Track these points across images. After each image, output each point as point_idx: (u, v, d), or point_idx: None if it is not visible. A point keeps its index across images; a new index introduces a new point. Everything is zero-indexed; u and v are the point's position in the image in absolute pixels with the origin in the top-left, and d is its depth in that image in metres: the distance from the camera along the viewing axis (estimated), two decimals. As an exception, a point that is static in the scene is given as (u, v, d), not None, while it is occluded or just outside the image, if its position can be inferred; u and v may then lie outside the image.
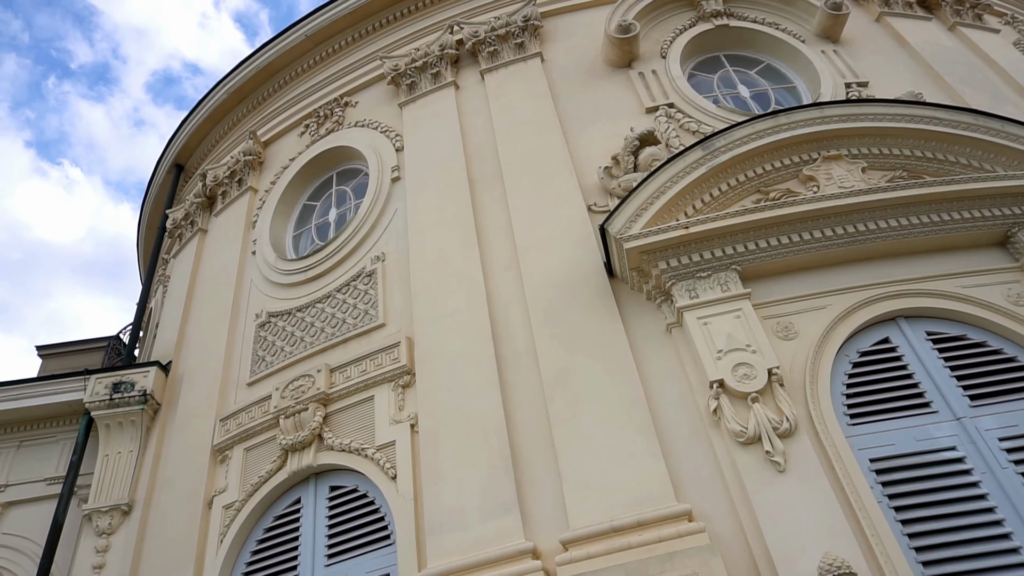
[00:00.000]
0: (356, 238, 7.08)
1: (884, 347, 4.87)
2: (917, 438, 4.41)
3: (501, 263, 5.98)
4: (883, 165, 5.49)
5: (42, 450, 8.05)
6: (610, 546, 4.24)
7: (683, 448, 4.63)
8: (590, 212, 6.02)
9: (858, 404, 4.63)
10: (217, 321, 7.60)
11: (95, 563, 6.53)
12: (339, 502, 5.56)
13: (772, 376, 4.59)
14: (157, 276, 10.26)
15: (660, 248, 5.16)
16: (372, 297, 6.51)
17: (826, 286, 5.11)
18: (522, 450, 4.91)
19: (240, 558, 5.76)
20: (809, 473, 4.23)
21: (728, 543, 4.19)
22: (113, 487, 6.95)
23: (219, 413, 6.73)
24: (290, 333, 6.86)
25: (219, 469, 6.40)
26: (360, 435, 5.67)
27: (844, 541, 3.94)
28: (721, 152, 5.50)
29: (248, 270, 7.96)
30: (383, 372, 5.81)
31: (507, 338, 5.50)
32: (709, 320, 4.92)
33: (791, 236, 5.18)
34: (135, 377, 7.54)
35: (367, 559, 5.13)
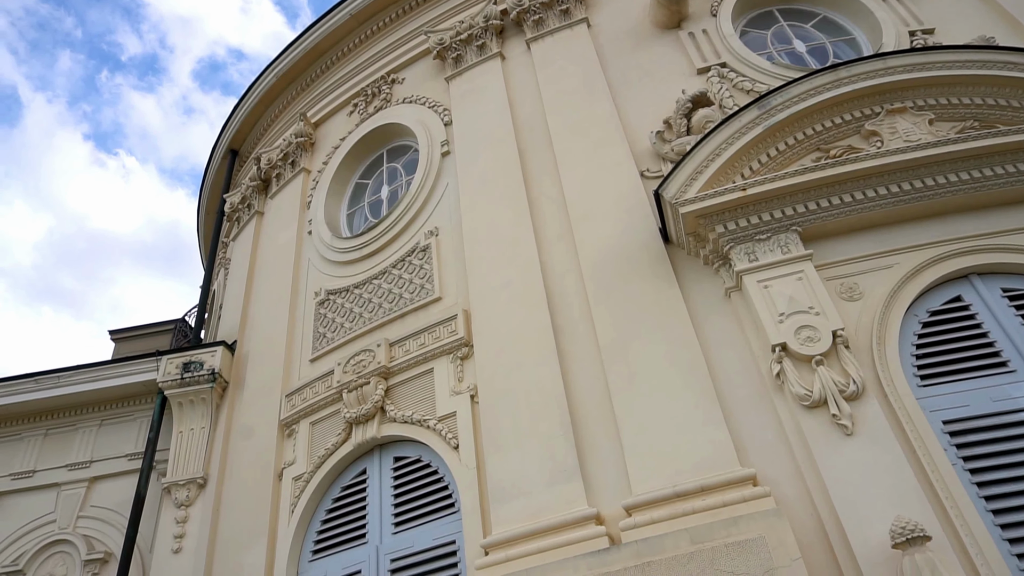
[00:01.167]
0: (409, 214, 7.15)
1: (956, 305, 4.68)
2: (994, 398, 4.25)
3: (554, 233, 5.97)
4: (952, 116, 5.23)
5: (122, 428, 8.47)
6: (674, 511, 4.25)
7: (745, 413, 4.58)
8: (643, 178, 5.93)
9: (929, 365, 4.48)
10: (278, 300, 7.82)
11: (176, 533, 6.88)
12: (403, 472, 5.70)
13: (837, 338, 4.48)
14: (218, 259, 10.59)
15: (717, 211, 5.06)
16: (427, 271, 6.59)
17: (892, 244, 4.94)
18: (582, 418, 4.94)
19: (311, 527, 5.98)
20: (878, 436, 4.14)
21: (794, 507, 4.15)
22: (188, 462, 7.28)
23: (284, 389, 6.95)
24: (349, 309, 7.01)
25: (287, 443, 6.63)
26: (421, 407, 5.78)
27: (916, 504, 3.86)
28: (778, 110, 5.33)
29: (305, 249, 8.14)
30: (441, 345, 5.90)
31: (563, 308, 5.51)
32: (770, 283, 4.82)
33: (854, 194, 5.01)
34: (203, 357, 7.84)
35: (433, 527, 5.27)
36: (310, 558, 5.79)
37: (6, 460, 8.36)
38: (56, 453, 8.34)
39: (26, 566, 7.54)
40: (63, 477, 8.14)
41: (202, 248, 12.61)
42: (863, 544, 3.80)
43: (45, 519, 7.85)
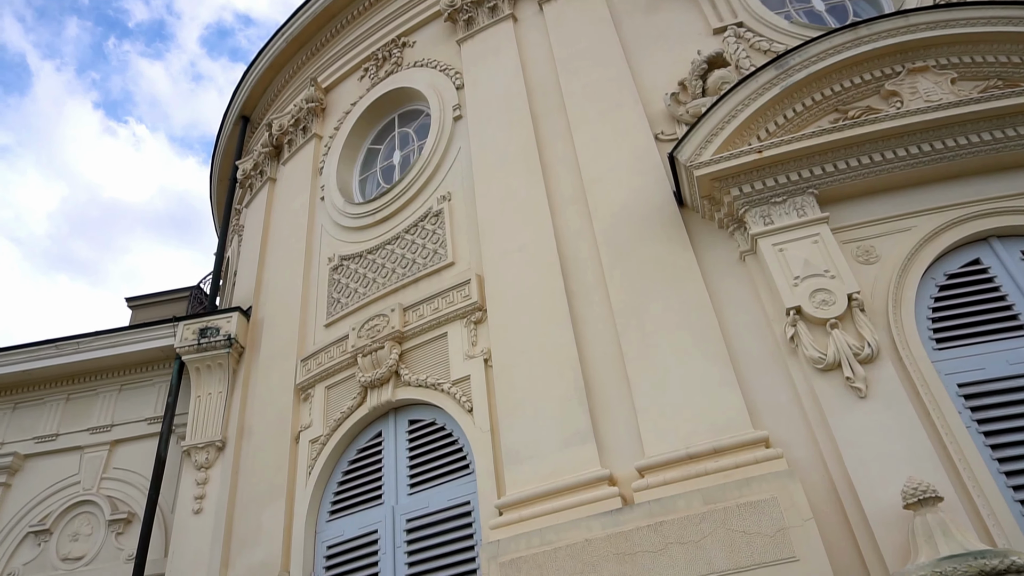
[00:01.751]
0: (421, 179, 7.13)
1: (974, 268, 4.64)
2: (1010, 361, 4.23)
3: (568, 197, 5.94)
4: (975, 75, 5.11)
5: (141, 392, 8.63)
6: (686, 472, 4.29)
7: (759, 376, 4.58)
8: (657, 141, 5.86)
9: (945, 328, 4.46)
10: (292, 266, 7.86)
11: (196, 494, 7.04)
12: (418, 435, 5.78)
13: (852, 301, 4.46)
14: (232, 226, 10.63)
15: (732, 174, 5.01)
16: (440, 236, 6.59)
17: (910, 207, 4.87)
18: (595, 381, 4.96)
19: (328, 488, 6.09)
20: (892, 399, 4.14)
21: (807, 469, 4.17)
22: (207, 425, 7.41)
23: (300, 354, 7.03)
24: (362, 275, 7.04)
25: (303, 406, 6.72)
26: (435, 371, 5.83)
27: (929, 466, 3.87)
28: (796, 71, 5.23)
29: (318, 215, 8.15)
30: (455, 309, 5.92)
31: (576, 272, 5.50)
32: (785, 246, 4.78)
33: (872, 156, 4.93)
34: (219, 322, 7.93)
35: (448, 488, 5.35)
36: (327, 518, 5.91)
37: (30, 424, 8.56)
38: (78, 417, 8.52)
39: (52, 525, 7.77)
40: (85, 440, 8.33)
41: (215, 215, 12.65)
42: (875, 505, 3.83)
43: (69, 480, 8.06)
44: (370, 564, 5.41)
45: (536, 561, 4.25)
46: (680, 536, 4.00)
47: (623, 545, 4.09)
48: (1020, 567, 3.14)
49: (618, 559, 4.06)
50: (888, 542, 3.71)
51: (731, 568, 3.81)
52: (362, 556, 5.49)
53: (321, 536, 5.85)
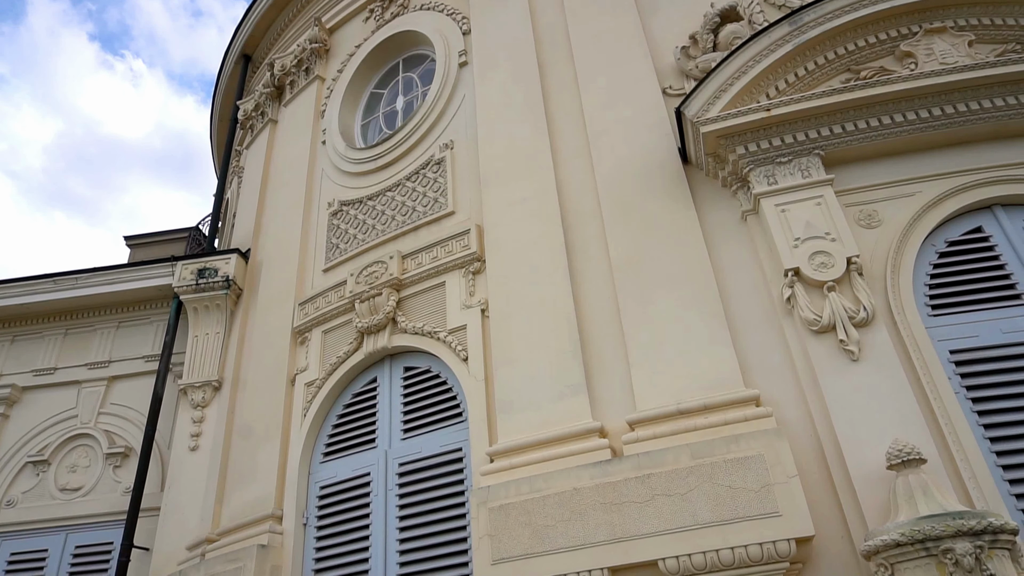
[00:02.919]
0: (424, 126, 7.03)
1: (975, 236, 4.61)
2: (1004, 330, 4.25)
3: (572, 149, 5.87)
4: (994, 38, 5.00)
5: (139, 330, 8.67)
6: (676, 427, 4.35)
7: (753, 336, 4.61)
8: (665, 95, 5.76)
9: (941, 295, 4.46)
10: (291, 210, 7.82)
11: (192, 432, 7.15)
12: (413, 382, 5.83)
13: (851, 265, 4.45)
14: (232, 168, 10.53)
15: (739, 132, 4.94)
16: (441, 185, 6.53)
17: (916, 172, 4.82)
18: (591, 335, 4.99)
19: (323, 430, 6.18)
20: (884, 362, 4.17)
21: (795, 428, 4.23)
22: (204, 365, 7.48)
23: (297, 298, 7.05)
24: (362, 221, 7.01)
25: (299, 350, 6.77)
26: (432, 319, 5.86)
27: (916, 429, 3.92)
28: (810, 27, 5.12)
29: (319, 159, 8.07)
30: (454, 259, 5.91)
31: (577, 226, 5.47)
32: (787, 207, 4.75)
33: (881, 119, 4.86)
34: (217, 264, 7.92)
35: (441, 434, 5.43)
36: (321, 459, 6.02)
37: (28, 357, 8.62)
38: (76, 352, 8.58)
39: (51, 456, 7.90)
40: (83, 375, 8.41)
41: (215, 156, 12.52)
42: (859, 465, 3.90)
43: (67, 414, 8.16)
44: (362, 505, 5.52)
45: (525, 507, 4.34)
46: (667, 489, 4.07)
47: (610, 495, 4.17)
48: (996, 528, 3.21)
49: (605, 508, 4.15)
50: (870, 501, 3.79)
51: (715, 521, 3.90)
52: (354, 497, 5.60)
53: (315, 477, 5.96)
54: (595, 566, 4.02)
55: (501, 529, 4.35)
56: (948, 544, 3.24)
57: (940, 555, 3.26)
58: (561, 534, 4.18)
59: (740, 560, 3.79)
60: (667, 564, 3.89)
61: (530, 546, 4.23)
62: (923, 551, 3.30)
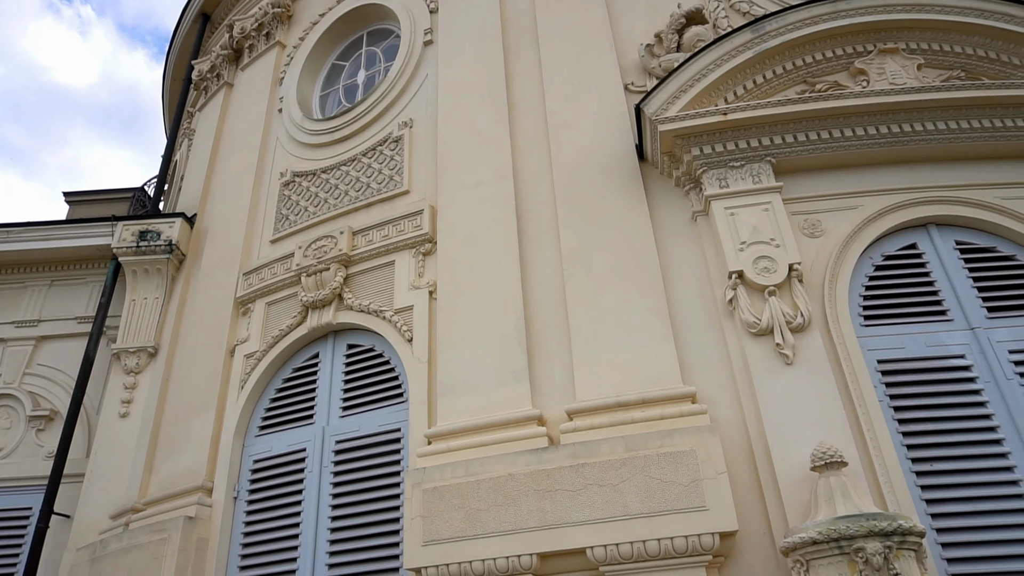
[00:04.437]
0: (384, 102, 6.93)
1: (910, 252, 4.81)
2: (928, 344, 4.44)
3: (531, 138, 5.87)
4: (941, 63, 5.19)
5: (72, 290, 8.35)
6: (613, 419, 4.42)
7: (694, 334, 4.70)
8: (627, 92, 5.81)
9: (875, 307, 4.64)
10: (242, 177, 7.62)
11: (124, 398, 6.93)
12: (355, 359, 5.78)
13: (792, 272, 4.58)
14: (182, 129, 10.20)
15: (695, 133, 5.02)
16: (398, 163, 6.45)
17: (860, 186, 4.99)
18: (536, 323, 5.02)
19: (260, 404, 6.07)
20: (816, 368, 4.31)
21: (728, 426, 4.34)
22: (140, 330, 7.25)
23: (242, 267, 6.88)
24: (314, 194, 6.88)
25: (241, 320, 6.62)
26: (379, 298, 5.80)
27: (840, 434, 4.07)
28: (771, 36, 5.22)
29: (274, 127, 7.87)
30: (405, 238, 5.86)
31: (531, 214, 5.49)
32: (736, 211, 4.86)
33: (832, 131, 5.00)
34: (161, 227, 7.67)
35: (380, 414, 5.40)
36: (257, 433, 5.92)
37: (-50, 310, 8.22)
38: (3, 309, 8.22)
39: (-30, 415, 7.56)
40: (9, 333, 8.07)
41: (166, 116, 12.09)
42: (785, 465, 4.03)
43: (-10, 372, 7.81)
44: (295, 481, 5.45)
45: (459, 491, 4.36)
46: (600, 479, 4.14)
47: (544, 482, 4.21)
48: (905, 530, 3.37)
49: (538, 495, 4.19)
50: (793, 500, 3.92)
51: (644, 512, 3.98)
52: (288, 473, 5.53)
53: (249, 450, 5.86)
54: (525, 551, 4.06)
55: (434, 511, 4.36)
56: (860, 543, 3.39)
57: (852, 553, 3.40)
58: (493, 518, 4.21)
59: (666, 551, 3.88)
60: (595, 553, 3.96)
61: (462, 529, 4.25)
62: (837, 549, 3.44)
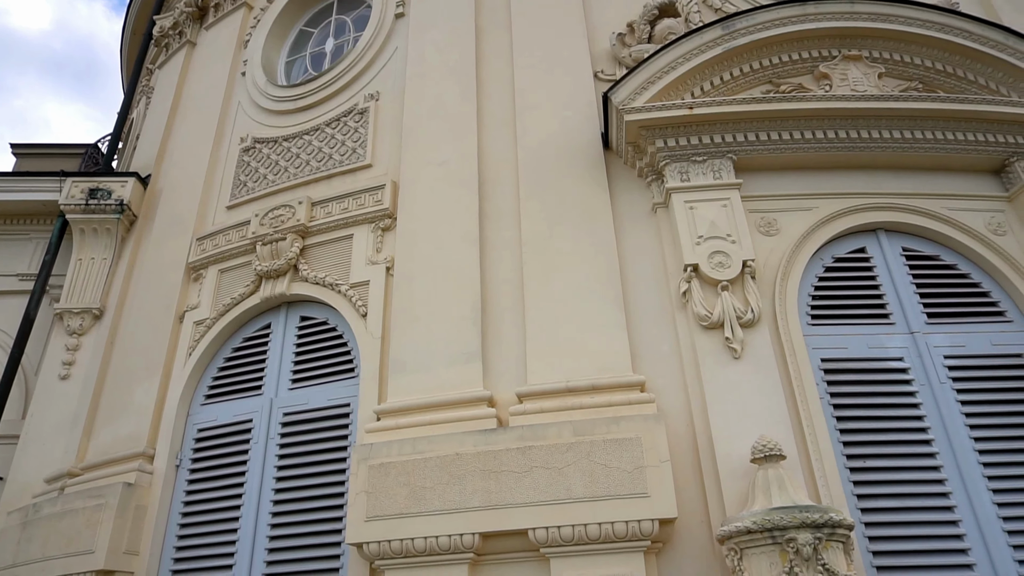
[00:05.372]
0: (351, 72, 6.80)
1: (859, 256, 4.95)
2: (870, 345, 4.59)
3: (498, 119, 5.83)
4: (901, 74, 5.32)
5: (15, 246, 8.05)
6: (562, 404, 4.46)
7: (647, 324, 4.76)
8: (596, 79, 5.81)
9: (822, 307, 4.76)
10: (200, 139, 7.41)
11: (65, 359, 6.72)
12: (308, 332, 5.70)
13: (746, 268, 4.67)
14: (140, 86, 9.86)
15: (660, 125, 5.05)
16: (361, 136, 6.35)
17: (816, 188, 5.10)
18: (492, 305, 5.02)
19: (207, 372, 5.96)
20: (762, 363, 4.41)
21: (674, 416, 4.42)
22: (85, 291, 7.02)
23: (196, 232, 6.72)
24: (274, 161, 6.73)
25: (192, 286, 6.47)
26: (335, 271, 5.72)
27: (781, 428, 4.18)
28: (741, 35, 5.27)
29: (236, 91, 7.67)
30: (364, 212, 5.79)
31: (493, 195, 5.47)
32: (696, 205, 4.92)
33: (793, 133, 5.09)
34: (112, 186, 7.43)
35: (330, 387, 5.35)
36: (203, 401, 5.81)
37: None
38: (-60, 261, 7.88)
39: (-102, 370, 7.24)
40: (-54, 286, 7.74)
41: (124, 71, 11.67)
42: (726, 456, 4.13)
43: (-78, 326, 7.50)
44: (240, 452, 5.38)
45: (405, 468, 4.35)
46: (546, 462, 4.18)
47: (491, 463, 4.24)
48: (835, 522, 3.49)
49: (484, 475, 4.22)
50: (732, 490, 4.02)
51: (587, 496, 4.03)
52: (233, 443, 5.45)
53: (193, 418, 5.76)
54: (467, 530, 4.09)
55: (379, 487, 4.35)
56: (792, 534, 3.49)
57: (784, 543, 3.51)
58: (438, 496, 4.22)
59: (606, 535, 3.94)
60: (537, 534, 4.00)
61: (406, 506, 4.25)
62: (770, 539, 3.54)
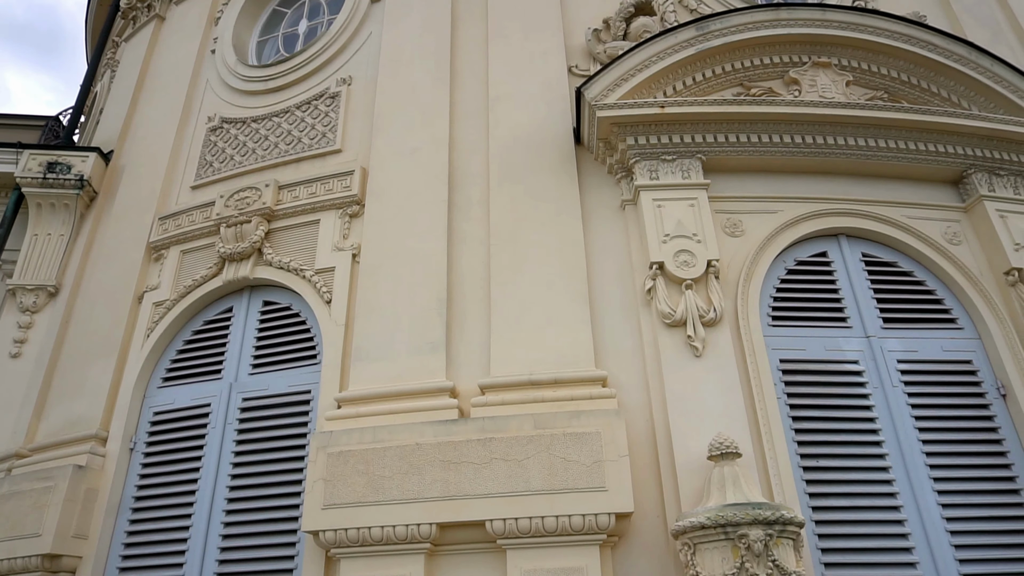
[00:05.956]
0: (324, 55, 6.70)
1: (820, 259, 5.04)
2: (827, 347, 4.69)
3: (470, 109, 5.80)
4: (868, 83, 5.43)
5: (-32, 218, 7.76)
6: (525, 396, 4.47)
7: (612, 320, 4.80)
8: (570, 74, 5.82)
9: (783, 308, 4.85)
10: (167, 117, 7.24)
11: (17, 337, 6.53)
12: (271, 317, 5.63)
13: (710, 268, 4.72)
14: (105, 59, 9.58)
15: (632, 123, 5.08)
16: (332, 121, 6.27)
17: (782, 192, 5.18)
18: (458, 296, 5.01)
19: (166, 354, 5.84)
20: (722, 362, 4.48)
21: (634, 412, 4.47)
22: (40, 267, 6.82)
23: (159, 211, 6.57)
24: (242, 143, 6.61)
25: (153, 267, 6.33)
26: (300, 256, 5.65)
27: (738, 426, 4.26)
28: (714, 36, 5.32)
29: (205, 69, 7.50)
30: (332, 198, 5.72)
31: (463, 186, 5.44)
32: (664, 203, 4.96)
33: (761, 136, 5.16)
34: (73, 160, 7.22)
35: (291, 374, 5.29)
36: (160, 384, 5.70)
37: None
38: None
39: None
40: None
41: (88, 42, 11.33)
42: (684, 452, 4.18)
43: None
44: (197, 436, 5.29)
45: (364, 456, 4.33)
46: (505, 454, 4.19)
47: (451, 454, 4.24)
48: (786, 520, 3.57)
49: (443, 466, 4.21)
50: (688, 486, 4.08)
51: (545, 489, 4.06)
52: (190, 427, 5.36)
53: (150, 401, 5.64)
54: (424, 520, 4.08)
55: (337, 475, 4.32)
56: (744, 530, 3.57)
57: (736, 539, 3.58)
58: (396, 486, 4.21)
59: (563, 528, 3.97)
60: (494, 526, 4.01)
61: (363, 495, 4.23)
62: (723, 535, 3.61)
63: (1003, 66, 5.33)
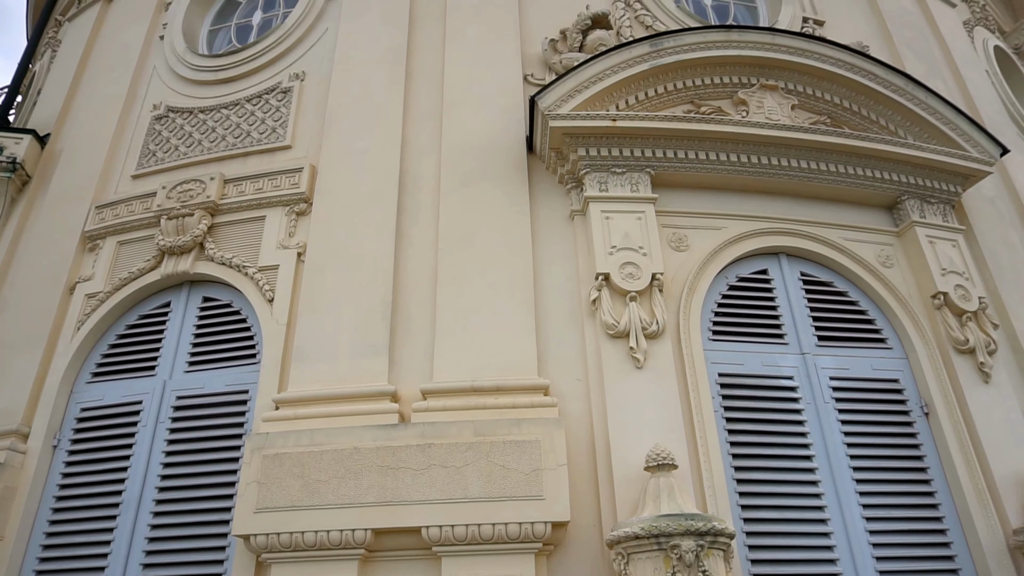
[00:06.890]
0: (278, 49, 6.57)
1: (761, 277, 5.18)
2: (764, 363, 4.81)
3: (424, 112, 5.77)
4: (812, 107, 5.61)
5: None
6: (466, 403, 4.46)
7: (556, 330, 4.82)
8: (525, 82, 5.84)
9: (723, 323, 4.96)
10: (109, 102, 6.98)
11: (-63, 325, 6.19)
12: (210, 314, 5.48)
13: (655, 281, 4.80)
14: (46, 38, 9.21)
15: (584, 134, 5.13)
16: (283, 116, 6.15)
17: (726, 209, 5.31)
18: (403, 299, 4.97)
19: (97, 348, 5.63)
20: (662, 374, 4.55)
21: (575, 421, 4.50)
22: (-34, 253, 6.50)
23: (96, 200, 6.32)
24: (188, 133, 6.42)
25: (87, 257, 6.10)
26: (244, 253, 5.52)
27: (675, 437, 4.33)
28: (667, 53, 5.42)
29: (152, 55, 7.27)
30: (279, 195, 5.61)
31: (413, 189, 5.41)
32: (612, 215, 5.02)
33: (709, 153, 5.28)
34: (5, 142, 6.90)
35: (229, 372, 5.16)
36: (89, 379, 5.48)
37: None
38: None
39: None
40: None
41: (29, 18, 10.87)
42: (622, 463, 4.23)
43: None
44: (126, 435, 5.11)
45: (300, 459, 4.25)
46: (444, 460, 4.17)
47: (389, 459, 4.19)
48: (717, 531, 3.64)
49: (381, 471, 4.17)
50: (625, 496, 4.13)
51: (484, 496, 4.05)
52: (119, 425, 5.17)
53: (77, 397, 5.42)
54: (359, 526, 4.03)
55: (272, 478, 4.22)
56: (677, 541, 3.62)
57: (669, 550, 3.63)
58: (333, 491, 4.14)
59: (499, 536, 3.97)
60: (430, 532, 3.99)
61: (298, 498, 4.14)
62: (656, 545, 3.65)
63: (936, 99, 5.58)
